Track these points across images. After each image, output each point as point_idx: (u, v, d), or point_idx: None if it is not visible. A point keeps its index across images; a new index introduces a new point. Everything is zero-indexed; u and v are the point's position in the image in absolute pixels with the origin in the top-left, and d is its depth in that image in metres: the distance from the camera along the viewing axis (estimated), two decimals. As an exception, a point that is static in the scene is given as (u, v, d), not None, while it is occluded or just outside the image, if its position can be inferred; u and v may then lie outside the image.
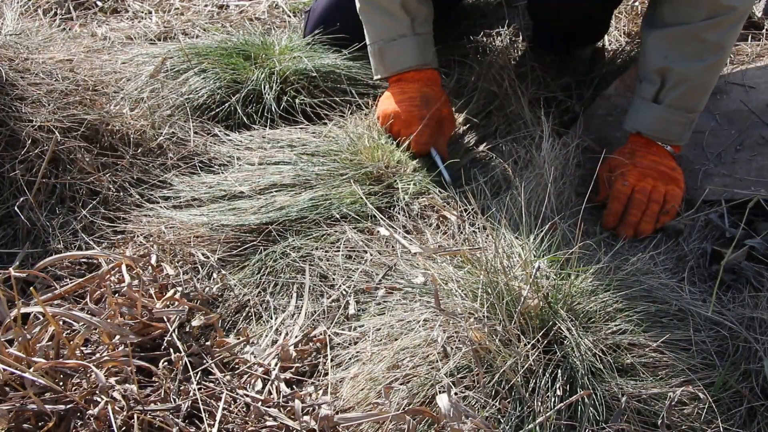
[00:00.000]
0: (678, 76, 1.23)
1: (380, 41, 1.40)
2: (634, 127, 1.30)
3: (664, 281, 1.05)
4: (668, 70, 1.24)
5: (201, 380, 0.97)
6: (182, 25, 1.87)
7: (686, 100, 1.25)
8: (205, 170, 1.35)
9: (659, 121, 1.27)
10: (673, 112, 1.26)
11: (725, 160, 1.37)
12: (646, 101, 1.28)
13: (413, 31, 1.37)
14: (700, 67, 1.22)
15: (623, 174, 1.27)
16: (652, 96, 1.27)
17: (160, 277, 1.11)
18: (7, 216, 1.19)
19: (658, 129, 1.28)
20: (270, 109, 1.49)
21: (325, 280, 1.14)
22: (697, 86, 1.25)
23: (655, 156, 1.29)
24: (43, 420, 0.87)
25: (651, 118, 1.28)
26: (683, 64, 1.23)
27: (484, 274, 0.94)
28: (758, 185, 1.29)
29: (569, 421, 0.85)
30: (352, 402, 0.92)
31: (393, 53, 1.39)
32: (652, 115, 1.27)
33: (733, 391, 0.92)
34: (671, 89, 1.25)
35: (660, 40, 1.25)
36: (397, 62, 1.40)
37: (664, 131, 1.28)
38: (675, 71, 1.23)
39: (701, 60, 1.22)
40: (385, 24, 1.38)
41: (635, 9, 1.89)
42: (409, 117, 1.36)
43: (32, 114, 1.26)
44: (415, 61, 1.38)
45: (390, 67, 1.41)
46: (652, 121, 1.28)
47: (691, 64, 1.22)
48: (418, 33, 1.38)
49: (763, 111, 1.47)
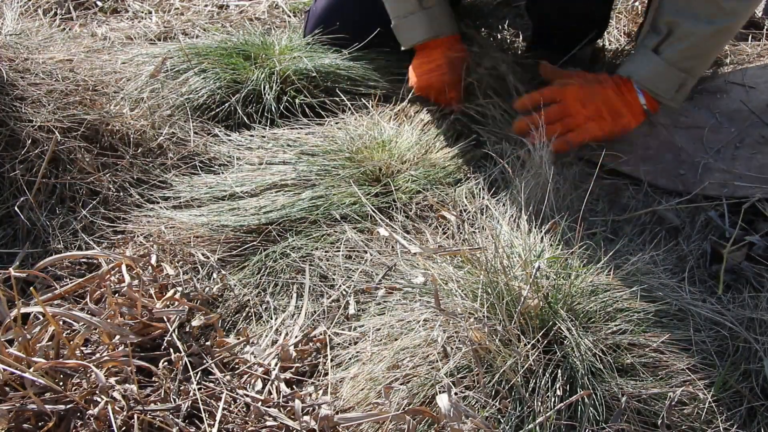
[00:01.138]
0: (684, 31, 1.25)
1: (395, 18, 1.50)
2: (626, 71, 1.33)
3: (664, 281, 1.05)
4: (677, 23, 1.26)
5: (201, 380, 0.97)
6: (182, 25, 1.87)
7: (684, 59, 1.27)
8: (205, 170, 1.35)
9: (652, 71, 1.30)
10: (668, 67, 1.28)
11: (725, 156, 1.37)
12: (646, 49, 1.30)
13: (421, 6, 1.46)
14: (708, 29, 1.24)
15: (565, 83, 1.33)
16: (653, 46, 1.29)
17: (160, 277, 1.11)
18: (7, 216, 1.19)
19: (648, 78, 1.31)
20: (270, 109, 1.49)
21: (325, 280, 1.14)
22: (699, 47, 1.27)
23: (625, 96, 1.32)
24: (43, 420, 0.87)
25: (646, 66, 1.30)
26: (693, 21, 1.25)
27: (484, 274, 0.94)
28: (758, 184, 1.28)
29: (569, 421, 0.85)
30: (352, 402, 0.92)
31: (405, 29, 1.50)
32: (648, 65, 1.30)
33: (733, 391, 0.91)
34: (673, 42, 1.27)
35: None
36: (410, 38, 1.50)
37: (652, 82, 1.31)
38: (683, 25, 1.25)
39: (711, 22, 1.24)
40: (396, 2, 1.48)
41: (635, 9, 1.89)
42: (441, 86, 1.47)
43: (32, 114, 1.26)
44: (426, 35, 1.47)
45: (405, 41, 1.51)
46: (646, 70, 1.30)
47: (700, 25, 1.24)
48: (425, 8, 1.46)
49: (763, 111, 1.47)
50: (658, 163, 1.37)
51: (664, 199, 1.30)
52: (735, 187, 1.28)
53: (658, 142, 1.42)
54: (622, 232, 1.23)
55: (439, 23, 1.48)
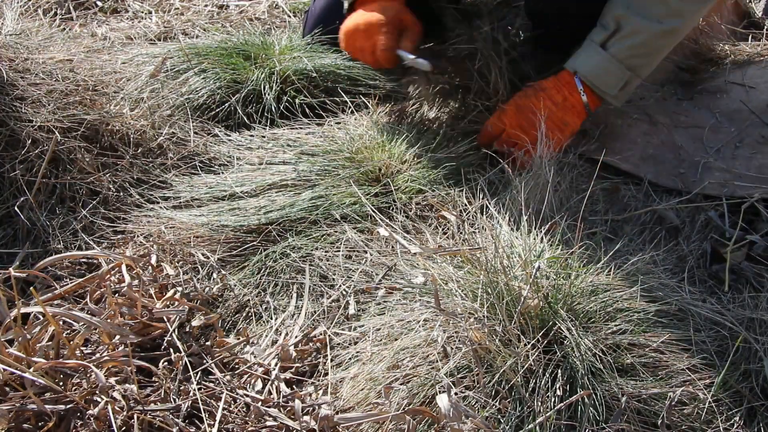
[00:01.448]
0: (632, 28, 1.25)
1: None
2: (572, 66, 1.32)
3: (664, 281, 1.05)
4: (625, 18, 1.25)
5: (201, 380, 0.97)
6: (182, 25, 1.87)
7: (631, 56, 1.27)
8: (205, 170, 1.35)
9: (598, 67, 1.29)
10: (615, 63, 1.27)
11: (725, 156, 1.37)
12: (594, 44, 1.29)
13: None
14: (655, 28, 1.24)
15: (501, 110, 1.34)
16: (600, 41, 1.28)
17: (160, 277, 1.11)
18: (7, 216, 1.19)
19: (593, 74, 1.30)
20: (270, 109, 1.49)
21: (325, 280, 1.14)
22: (646, 45, 1.27)
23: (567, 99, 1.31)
24: (43, 420, 0.87)
25: (592, 61, 1.30)
26: (641, 18, 1.24)
27: (484, 274, 0.94)
28: (758, 183, 1.28)
29: (569, 421, 0.85)
30: (352, 402, 0.92)
31: None
32: (594, 59, 1.29)
33: (733, 391, 0.91)
34: (621, 39, 1.26)
35: None
36: None
37: (598, 78, 1.29)
38: (631, 21, 1.25)
39: (659, 22, 1.24)
40: None
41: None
42: (369, 27, 1.36)
43: (32, 114, 1.26)
44: None
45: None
46: (592, 65, 1.29)
47: (648, 22, 1.24)
48: None
49: (763, 111, 1.47)
50: (658, 162, 1.37)
51: (664, 198, 1.30)
52: (735, 187, 1.28)
53: (659, 142, 1.43)
54: (621, 232, 1.23)
55: None
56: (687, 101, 1.56)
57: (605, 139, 1.41)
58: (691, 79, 1.62)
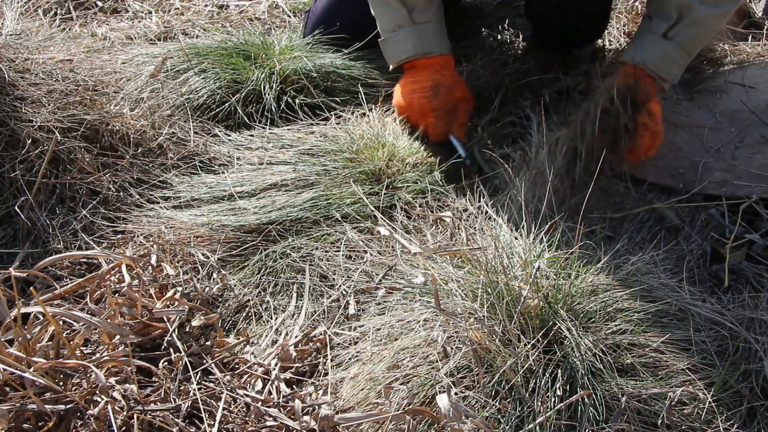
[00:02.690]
0: (694, 16, 1.25)
1: (383, 33, 1.42)
2: (638, 59, 1.29)
3: (664, 281, 1.05)
4: (688, 6, 1.25)
5: (201, 380, 0.97)
6: (182, 25, 1.87)
7: (693, 43, 1.28)
8: (205, 170, 1.35)
9: (665, 57, 1.28)
10: (679, 51, 1.28)
11: (725, 156, 1.37)
12: (656, 35, 1.28)
13: (411, 21, 1.38)
14: (714, 13, 1.26)
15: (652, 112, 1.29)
16: (663, 31, 1.27)
17: (160, 277, 1.11)
18: (7, 216, 1.19)
19: (660, 65, 1.29)
20: (270, 108, 1.48)
21: (325, 280, 1.14)
22: (705, 32, 1.29)
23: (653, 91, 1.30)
24: (43, 420, 0.87)
25: (659, 52, 1.29)
26: (702, 6, 1.25)
27: (484, 274, 0.94)
28: (758, 183, 1.28)
29: (569, 421, 0.85)
30: (352, 402, 0.92)
31: (392, 45, 1.41)
32: (661, 50, 1.29)
33: (733, 391, 0.91)
34: (685, 27, 1.26)
35: None
36: (396, 54, 1.41)
37: (665, 69, 1.29)
38: (694, 9, 1.25)
39: (717, 6, 1.25)
40: (385, 15, 1.40)
41: (635, 9, 1.89)
42: (422, 108, 1.39)
43: (32, 114, 1.26)
44: (413, 51, 1.39)
45: (391, 58, 1.43)
46: (659, 56, 1.28)
47: (708, 9, 1.25)
48: (417, 23, 1.38)
49: (763, 111, 1.47)
50: (658, 161, 1.37)
51: (663, 197, 1.30)
52: (735, 187, 1.28)
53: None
54: (621, 230, 1.23)
55: (430, 41, 1.39)
56: (687, 101, 1.56)
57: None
58: (691, 79, 1.62)
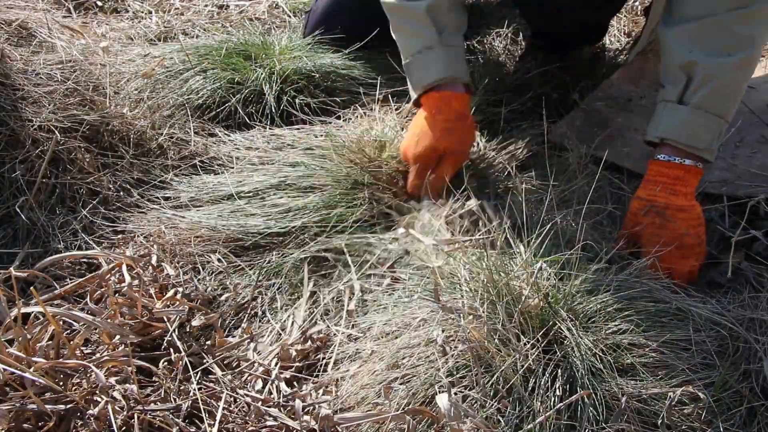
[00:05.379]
0: (705, 72, 1.09)
1: (408, 56, 1.28)
2: (658, 134, 1.14)
3: (664, 281, 1.05)
4: (694, 64, 1.09)
5: (201, 380, 0.97)
6: (182, 25, 1.87)
7: (715, 102, 1.10)
8: (205, 170, 1.35)
9: (686, 124, 1.11)
10: (701, 114, 1.10)
11: (724, 155, 1.37)
12: (670, 104, 1.13)
13: (441, 43, 1.25)
14: (729, 63, 1.08)
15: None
16: (676, 97, 1.12)
17: (160, 277, 1.11)
18: (7, 216, 1.19)
19: (685, 134, 1.11)
20: (270, 108, 1.49)
21: (325, 279, 1.14)
22: (726, 86, 1.10)
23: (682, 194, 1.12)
24: (43, 420, 0.87)
25: (677, 121, 1.12)
26: (711, 59, 1.08)
27: (484, 274, 0.94)
28: (758, 183, 1.28)
29: (569, 421, 0.85)
30: (352, 402, 0.92)
31: (419, 67, 1.26)
32: (679, 118, 1.12)
33: (733, 391, 0.91)
34: (698, 88, 1.10)
35: (683, 35, 1.11)
36: (425, 76, 1.26)
37: (691, 137, 1.11)
38: (702, 66, 1.09)
39: (730, 55, 1.08)
40: (412, 37, 1.27)
41: (635, 9, 1.89)
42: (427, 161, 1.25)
43: (32, 114, 1.26)
44: (443, 73, 1.24)
45: (419, 79, 1.27)
46: (679, 125, 1.12)
47: (719, 60, 1.08)
48: (446, 45, 1.25)
49: (763, 111, 1.47)
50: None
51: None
52: (735, 186, 1.28)
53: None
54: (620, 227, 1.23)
55: (460, 67, 1.27)
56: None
57: (607, 138, 1.41)
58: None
